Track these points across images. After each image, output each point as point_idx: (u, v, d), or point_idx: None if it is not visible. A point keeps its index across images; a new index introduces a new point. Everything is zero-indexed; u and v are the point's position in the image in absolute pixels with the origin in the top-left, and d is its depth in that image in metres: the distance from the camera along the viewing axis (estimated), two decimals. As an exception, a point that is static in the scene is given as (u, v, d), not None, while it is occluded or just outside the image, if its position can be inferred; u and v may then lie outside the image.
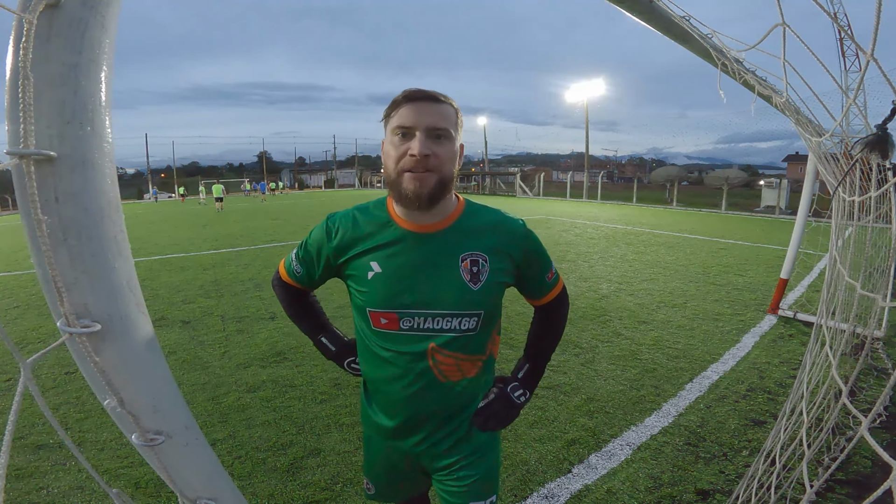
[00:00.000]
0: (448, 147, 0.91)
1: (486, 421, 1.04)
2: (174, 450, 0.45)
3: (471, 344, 0.99)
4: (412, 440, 1.05)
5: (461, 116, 0.97)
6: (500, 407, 1.06)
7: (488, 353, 1.05)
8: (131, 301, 0.41)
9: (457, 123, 0.94)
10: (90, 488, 2.04)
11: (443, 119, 0.90)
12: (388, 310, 0.96)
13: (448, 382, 0.99)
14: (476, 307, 0.96)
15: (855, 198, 1.93)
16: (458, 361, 0.98)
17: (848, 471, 2.14)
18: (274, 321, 4.30)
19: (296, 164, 58.87)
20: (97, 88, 0.36)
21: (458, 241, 0.96)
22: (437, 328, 0.95)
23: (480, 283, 0.95)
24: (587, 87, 29.21)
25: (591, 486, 2.04)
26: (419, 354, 0.97)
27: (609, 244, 8.82)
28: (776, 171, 42.45)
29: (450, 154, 0.91)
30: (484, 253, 0.97)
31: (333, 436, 2.44)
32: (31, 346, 3.81)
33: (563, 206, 19.81)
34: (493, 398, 1.06)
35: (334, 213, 1.04)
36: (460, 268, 0.95)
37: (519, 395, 1.08)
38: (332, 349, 1.20)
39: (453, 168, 0.94)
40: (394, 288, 0.95)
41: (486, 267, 0.96)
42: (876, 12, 0.68)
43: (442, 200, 0.93)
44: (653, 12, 1.77)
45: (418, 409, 1.01)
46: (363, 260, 0.98)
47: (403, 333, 0.97)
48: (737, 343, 3.77)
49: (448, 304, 0.94)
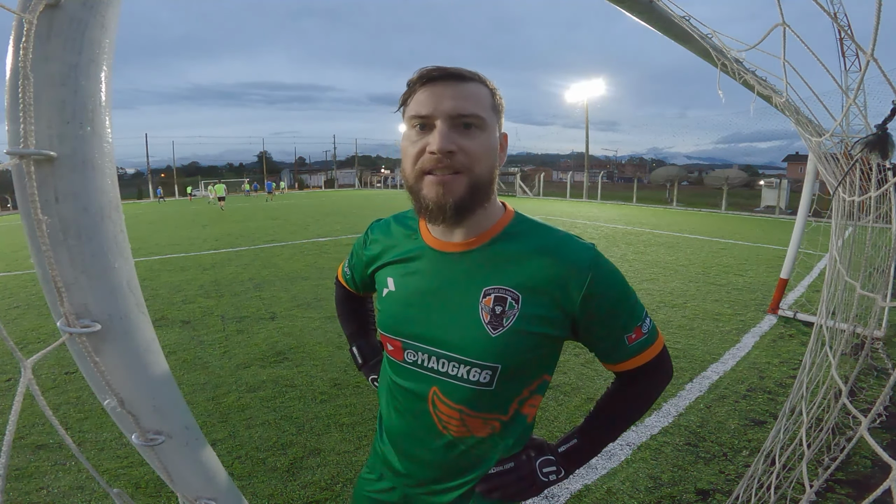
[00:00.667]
0: (481, 139, 0.70)
1: (491, 491, 0.80)
2: (174, 450, 0.45)
3: (482, 400, 0.76)
4: (412, 479, 0.86)
5: (500, 97, 0.76)
6: (517, 479, 0.79)
7: (511, 415, 0.79)
8: (131, 301, 0.41)
9: (494, 106, 0.73)
10: (90, 488, 2.04)
11: (472, 102, 0.69)
12: (393, 336, 0.81)
13: (449, 436, 0.79)
14: (490, 359, 0.73)
15: (855, 198, 1.93)
16: (463, 416, 0.78)
17: (848, 471, 2.14)
18: (274, 321, 4.31)
19: (296, 164, 58.90)
20: (97, 88, 0.36)
21: (487, 268, 0.75)
22: (443, 371, 0.77)
23: (502, 330, 0.72)
24: (587, 87, 29.22)
25: (591, 486, 2.04)
26: (420, 396, 0.80)
27: (609, 244, 8.83)
28: (776, 171, 42.44)
29: (484, 148, 0.71)
30: (515, 290, 0.73)
31: (333, 436, 2.44)
32: (31, 346, 3.81)
33: (563, 206, 19.81)
34: (512, 467, 0.80)
35: (377, 220, 0.93)
36: (480, 304, 0.73)
37: (549, 472, 0.79)
38: (359, 361, 1.10)
39: (492, 167, 0.73)
40: (402, 313, 0.80)
41: (516, 309, 0.72)
42: (876, 12, 0.68)
43: (476, 211, 0.73)
44: (653, 12, 1.77)
45: (415, 451, 0.83)
46: (383, 273, 0.85)
47: (406, 367, 0.81)
48: (737, 343, 3.77)
49: (456, 346, 0.75)
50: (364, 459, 2.23)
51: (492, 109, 0.73)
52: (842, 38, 23.19)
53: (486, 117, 0.71)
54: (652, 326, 0.79)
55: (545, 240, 0.75)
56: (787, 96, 1.92)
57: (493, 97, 0.74)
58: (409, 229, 0.84)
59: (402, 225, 0.86)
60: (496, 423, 0.79)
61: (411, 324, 0.79)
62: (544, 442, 0.84)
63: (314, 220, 13.63)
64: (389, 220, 0.91)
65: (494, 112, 0.73)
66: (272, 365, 3.35)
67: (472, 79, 0.71)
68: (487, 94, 0.73)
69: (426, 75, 0.70)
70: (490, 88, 0.74)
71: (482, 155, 0.71)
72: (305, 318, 4.40)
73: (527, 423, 0.83)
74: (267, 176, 44.51)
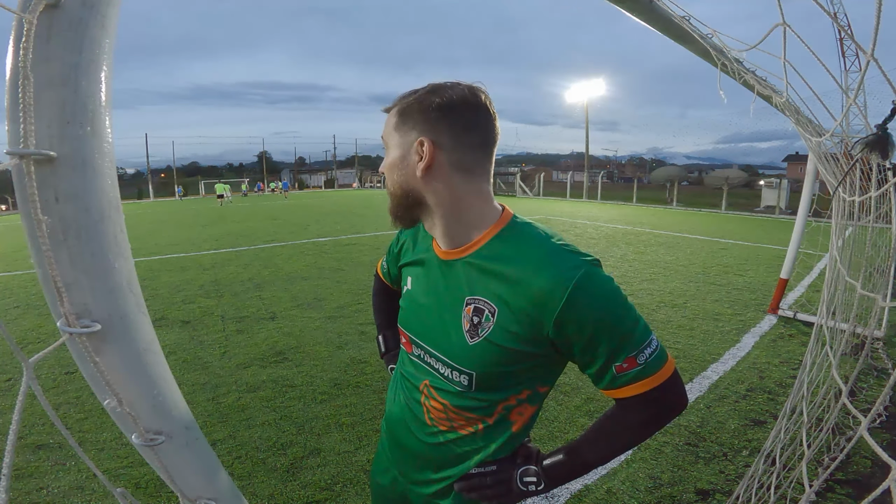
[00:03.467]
0: (388, 158, 0.77)
1: (468, 490, 0.81)
2: (174, 450, 0.45)
3: (464, 401, 0.78)
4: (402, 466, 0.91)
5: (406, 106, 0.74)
6: (494, 483, 0.79)
7: (496, 419, 0.79)
8: (131, 301, 0.41)
9: (395, 124, 0.75)
10: (90, 488, 2.04)
11: (385, 131, 0.78)
12: (405, 331, 0.89)
13: (434, 428, 0.83)
14: (466, 365, 0.75)
15: (855, 198, 1.93)
16: (447, 411, 0.81)
17: (848, 471, 2.14)
18: (274, 321, 4.31)
19: (296, 164, 58.88)
20: (97, 88, 0.36)
21: (471, 277, 0.75)
22: (435, 368, 0.82)
23: (477, 339, 0.73)
24: (587, 87, 29.25)
25: (591, 487, 2.04)
26: (416, 386, 0.86)
27: (609, 244, 8.83)
28: (776, 171, 42.47)
29: (388, 166, 0.77)
30: (492, 303, 0.72)
31: (333, 436, 2.44)
32: (32, 346, 3.81)
33: (563, 206, 19.81)
34: (493, 470, 0.80)
35: None
36: (463, 312, 0.75)
37: (529, 482, 0.78)
38: (382, 349, 1.15)
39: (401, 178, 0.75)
40: (411, 310, 0.87)
41: (491, 322, 0.72)
42: (876, 12, 0.68)
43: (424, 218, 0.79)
44: (653, 12, 1.77)
45: (404, 439, 0.88)
46: (406, 272, 0.92)
47: (412, 359, 0.88)
48: (737, 343, 3.77)
49: (442, 349, 0.79)
50: (364, 459, 2.24)
51: (394, 128, 0.75)
52: (842, 38, 23.19)
53: (388, 138, 0.77)
54: (654, 357, 0.70)
55: (531, 252, 0.71)
56: (788, 96, 1.92)
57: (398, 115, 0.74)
58: (428, 234, 0.87)
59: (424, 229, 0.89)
60: (480, 423, 0.80)
61: (415, 322, 0.86)
62: (534, 451, 0.83)
63: (314, 220, 13.63)
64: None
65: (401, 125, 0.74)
66: (272, 365, 3.35)
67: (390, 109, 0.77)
68: (393, 115, 0.76)
69: None
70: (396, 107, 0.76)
71: (388, 171, 0.77)
72: (305, 318, 4.40)
73: (512, 431, 0.81)
74: (267, 176, 44.47)
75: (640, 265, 6.81)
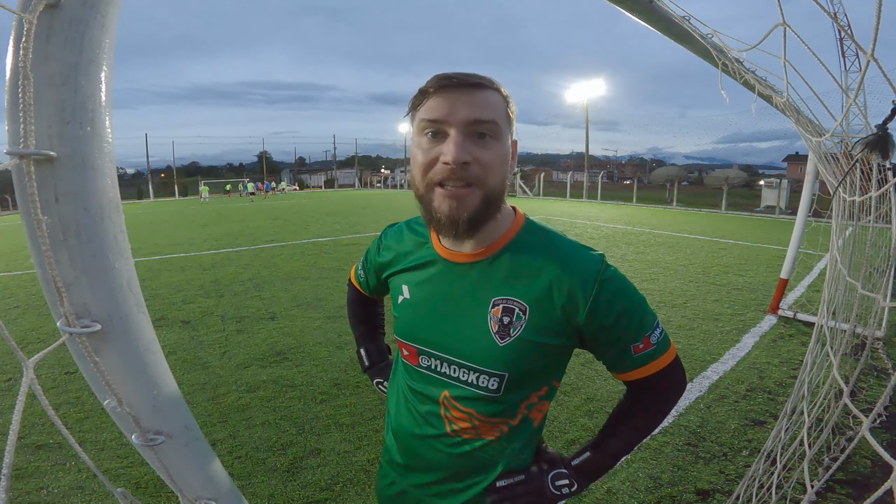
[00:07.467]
0: (496, 149, 0.68)
1: (501, 502, 0.79)
2: (174, 450, 0.45)
3: (491, 405, 0.78)
4: (419, 479, 0.87)
5: (513, 105, 0.73)
6: (526, 491, 0.78)
7: (519, 419, 0.80)
8: (131, 301, 0.41)
9: (507, 115, 0.71)
10: (90, 488, 2.04)
11: (488, 109, 0.67)
12: (409, 342, 0.83)
13: (458, 438, 0.81)
14: (498, 367, 0.74)
15: (855, 198, 1.93)
16: (472, 420, 0.79)
17: (848, 471, 2.14)
18: (274, 321, 4.31)
19: (296, 163, 58.87)
20: (97, 88, 0.36)
21: (496, 279, 0.75)
22: (454, 377, 0.78)
23: (509, 339, 0.73)
24: (587, 87, 29.20)
25: (590, 486, 2.04)
26: (432, 399, 0.82)
27: (609, 244, 8.83)
28: (776, 171, 42.43)
29: (499, 158, 0.68)
30: (523, 301, 0.73)
31: (333, 436, 2.44)
32: (32, 346, 3.81)
33: (563, 206, 19.81)
34: (523, 479, 0.79)
35: (391, 225, 0.94)
36: (489, 314, 0.74)
37: (562, 485, 0.78)
38: (365, 363, 1.12)
39: (504, 177, 0.71)
40: (416, 320, 0.81)
41: (523, 320, 0.73)
42: (876, 12, 0.68)
43: (488, 223, 0.72)
44: (653, 12, 1.76)
45: (424, 452, 0.85)
46: (398, 281, 0.86)
47: (420, 371, 0.83)
48: (737, 343, 3.77)
49: (466, 354, 0.76)
50: (364, 459, 2.24)
51: (506, 118, 0.70)
52: (842, 38, 23.18)
53: (501, 125, 0.69)
54: (662, 337, 0.76)
55: (554, 250, 0.74)
56: (788, 96, 1.92)
57: (506, 105, 0.71)
58: (421, 237, 0.84)
59: (414, 232, 0.87)
60: (504, 426, 0.80)
61: (425, 331, 0.80)
62: (558, 455, 0.84)
63: (314, 220, 13.63)
64: (402, 225, 0.91)
65: (507, 120, 0.71)
66: (272, 365, 3.35)
67: (488, 86, 0.68)
68: (502, 102, 0.70)
69: (441, 81, 0.67)
70: (504, 96, 0.71)
71: (496, 166, 0.68)
72: (305, 318, 4.40)
73: (534, 428, 0.83)
74: (267, 176, 44.48)
75: (640, 265, 6.81)
